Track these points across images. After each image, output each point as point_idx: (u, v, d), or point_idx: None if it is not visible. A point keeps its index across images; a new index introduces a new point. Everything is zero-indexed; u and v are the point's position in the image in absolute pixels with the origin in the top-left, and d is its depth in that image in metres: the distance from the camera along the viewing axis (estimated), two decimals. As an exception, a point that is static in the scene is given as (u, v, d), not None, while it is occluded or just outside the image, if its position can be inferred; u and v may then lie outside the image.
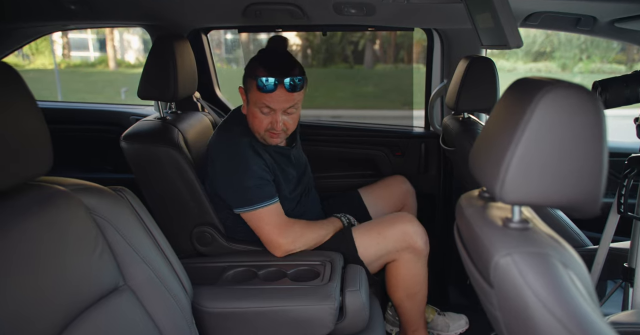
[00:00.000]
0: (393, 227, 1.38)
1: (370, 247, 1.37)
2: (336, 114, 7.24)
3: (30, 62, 11.89)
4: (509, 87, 0.71)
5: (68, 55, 13.82)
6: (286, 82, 1.24)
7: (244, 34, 1.80)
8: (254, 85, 1.26)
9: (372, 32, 2.13)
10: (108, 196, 0.91)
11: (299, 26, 1.76)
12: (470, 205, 0.78)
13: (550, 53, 11.45)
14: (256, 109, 1.30)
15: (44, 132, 0.77)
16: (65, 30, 1.91)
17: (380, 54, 11.46)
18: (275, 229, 1.32)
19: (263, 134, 1.34)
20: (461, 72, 1.48)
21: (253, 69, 1.28)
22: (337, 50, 10.68)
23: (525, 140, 0.61)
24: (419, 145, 1.91)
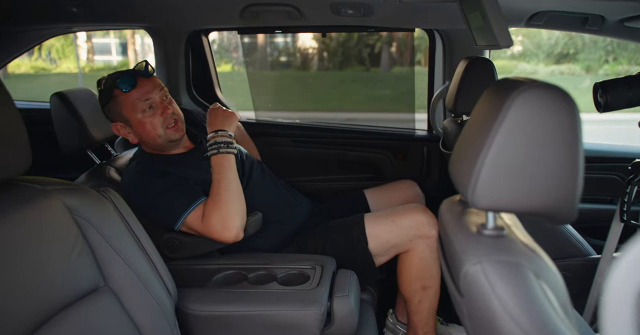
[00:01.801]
0: (406, 216, 1.34)
1: (383, 235, 1.34)
2: (351, 117, 7.21)
3: (57, 66, 12.19)
4: (488, 88, 0.69)
5: (92, 60, 14.15)
6: (137, 71, 1.30)
7: (260, 37, 1.82)
8: (119, 97, 1.29)
9: (388, 35, 2.12)
10: (90, 196, 0.91)
11: (297, 27, 1.76)
12: (449, 211, 0.75)
13: (573, 55, 11.18)
14: (140, 116, 1.31)
15: (21, 132, 0.77)
16: (69, 33, 1.95)
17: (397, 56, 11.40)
18: (207, 226, 1.25)
19: (164, 133, 1.33)
20: (460, 74, 1.44)
21: (109, 92, 1.31)
22: (354, 53, 10.65)
23: (498, 143, 0.59)
24: (421, 148, 1.88)
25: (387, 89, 8.16)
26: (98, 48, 14.28)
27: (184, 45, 1.77)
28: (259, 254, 1.36)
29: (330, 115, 7.17)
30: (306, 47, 10.45)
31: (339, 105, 7.67)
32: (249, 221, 1.35)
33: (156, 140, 1.35)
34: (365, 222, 1.37)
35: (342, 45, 10.37)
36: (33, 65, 11.90)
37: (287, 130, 1.93)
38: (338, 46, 10.41)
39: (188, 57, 1.81)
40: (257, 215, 1.36)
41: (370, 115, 7.08)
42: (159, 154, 1.40)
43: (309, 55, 10.55)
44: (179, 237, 1.36)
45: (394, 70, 10.19)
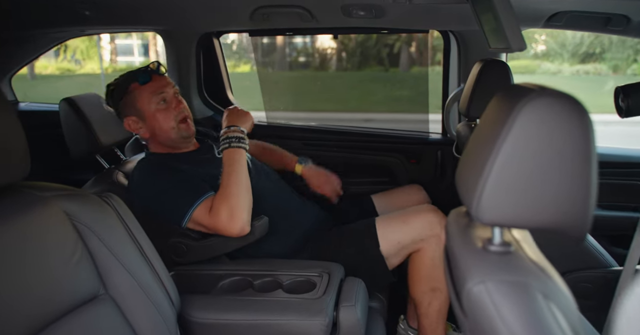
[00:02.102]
0: (418, 216, 1.33)
1: (394, 235, 1.33)
2: (368, 118, 7.16)
3: (81, 67, 12.47)
4: (496, 94, 0.65)
5: (115, 60, 14.45)
6: (152, 69, 1.36)
7: (279, 38, 1.82)
8: (135, 91, 1.33)
9: (408, 35, 2.09)
10: (91, 202, 0.90)
11: (308, 29, 1.73)
12: (456, 223, 0.72)
13: (600, 54, 10.86)
14: (154, 107, 1.34)
15: (19, 138, 0.77)
16: (82, 36, 1.97)
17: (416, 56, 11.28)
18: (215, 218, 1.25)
19: (177, 127, 1.36)
20: (474, 76, 1.40)
21: (124, 87, 1.35)
22: (372, 53, 10.59)
23: (504, 154, 0.55)
24: (435, 152, 1.83)
25: (405, 90, 8.08)
26: (121, 49, 14.57)
27: (195, 48, 1.77)
28: (266, 260, 1.34)
29: (347, 116, 7.13)
30: (325, 48, 10.44)
31: (357, 105, 7.63)
32: (255, 225, 1.33)
33: (169, 134, 1.37)
34: (377, 225, 1.35)
35: (360, 45, 10.32)
36: (59, 67, 12.20)
37: (298, 133, 1.91)
38: (357, 46, 10.36)
39: (199, 60, 1.81)
40: (262, 219, 1.34)
41: (388, 116, 7.01)
42: (169, 153, 1.41)
43: (327, 56, 10.54)
44: (185, 242, 1.35)
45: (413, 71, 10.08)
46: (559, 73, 10.08)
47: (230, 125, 1.34)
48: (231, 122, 1.35)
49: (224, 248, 1.36)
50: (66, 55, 12.28)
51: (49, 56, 12.42)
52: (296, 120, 6.36)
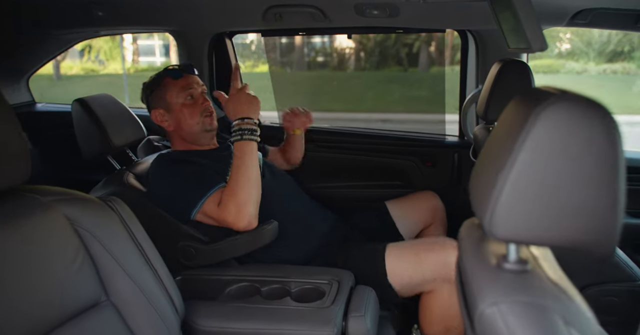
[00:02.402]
0: (433, 253, 1.23)
1: (404, 272, 1.25)
2: (385, 118, 7.10)
3: (104, 67, 12.72)
4: (513, 98, 0.60)
5: (137, 61, 14.70)
6: (185, 68, 1.45)
7: (298, 38, 1.80)
8: (167, 84, 1.40)
9: (427, 34, 2.03)
10: (93, 207, 0.88)
11: (321, 29, 1.70)
12: (468, 236, 0.67)
13: (629, 53, 10.51)
14: (182, 101, 1.40)
15: (19, 141, 0.76)
16: (97, 37, 1.98)
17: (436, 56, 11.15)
18: (223, 211, 1.25)
19: (201, 121, 1.40)
20: (492, 77, 1.34)
21: (158, 81, 1.43)
22: (391, 52, 10.49)
23: (520, 164, 0.51)
24: (451, 155, 1.77)
25: (423, 90, 7.98)
26: (143, 50, 14.81)
27: (207, 48, 1.75)
28: (275, 266, 1.31)
29: (364, 116, 7.08)
30: (343, 47, 10.39)
31: (374, 105, 7.57)
32: (265, 229, 1.31)
33: (193, 128, 1.41)
34: (387, 255, 1.28)
35: (379, 45, 10.24)
36: (83, 67, 12.47)
37: (310, 135, 1.87)
38: (375, 46, 10.28)
39: (211, 60, 1.79)
40: (272, 223, 1.32)
41: (405, 116, 6.94)
42: (189, 149, 1.44)
43: (345, 55, 10.49)
44: (194, 245, 1.34)
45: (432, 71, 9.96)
46: (585, 72, 9.79)
47: (243, 116, 1.31)
48: (243, 113, 1.31)
49: (233, 252, 1.34)
50: (90, 56, 12.55)
51: (74, 57, 12.73)
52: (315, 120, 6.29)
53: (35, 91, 2.18)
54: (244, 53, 9.04)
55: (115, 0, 1.48)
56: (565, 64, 9.68)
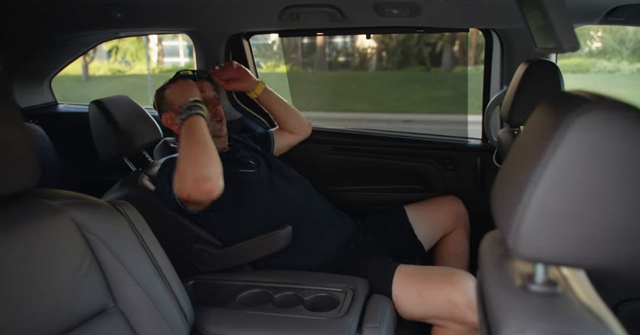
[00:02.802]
0: (440, 292, 1.16)
1: (409, 300, 1.20)
2: (407, 118, 7.00)
3: (130, 68, 12.99)
4: (541, 103, 0.55)
5: (162, 62, 14.96)
6: (197, 74, 1.43)
7: (319, 38, 1.77)
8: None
9: (451, 34, 1.97)
10: (103, 211, 0.87)
11: (339, 29, 1.66)
12: (490, 251, 0.62)
13: (666, 50, 10.08)
14: None
15: (27, 145, 0.75)
16: (116, 38, 1.99)
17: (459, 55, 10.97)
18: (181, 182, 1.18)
19: (211, 126, 1.36)
20: (518, 79, 1.27)
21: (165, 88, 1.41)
22: (414, 52, 10.37)
23: (549, 177, 0.46)
24: (474, 158, 1.71)
25: (446, 90, 7.84)
26: (167, 51, 15.06)
27: (224, 49, 1.74)
28: (288, 272, 1.28)
29: (386, 116, 7.00)
30: (365, 47, 10.33)
31: (396, 106, 7.48)
32: (278, 235, 1.28)
33: None
34: (395, 276, 1.22)
35: (401, 44, 10.13)
36: (110, 68, 12.77)
37: (327, 137, 1.84)
38: (397, 45, 10.17)
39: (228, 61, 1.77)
40: (286, 228, 1.29)
41: (427, 117, 6.83)
42: None
43: (367, 55, 10.42)
44: (207, 249, 1.32)
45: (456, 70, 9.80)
46: (617, 71, 9.44)
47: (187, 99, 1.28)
48: (184, 96, 1.30)
49: (247, 257, 1.32)
50: (117, 57, 12.83)
51: (101, 58, 13.04)
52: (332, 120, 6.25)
53: (66, 91, 2.22)
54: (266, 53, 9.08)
55: (133, 2, 1.47)
56: (596, 62, 9.33)
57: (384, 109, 7.50)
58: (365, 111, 7.29)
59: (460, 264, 1.56)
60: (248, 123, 1.84)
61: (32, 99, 2.01)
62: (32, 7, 1.57)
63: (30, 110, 1.96)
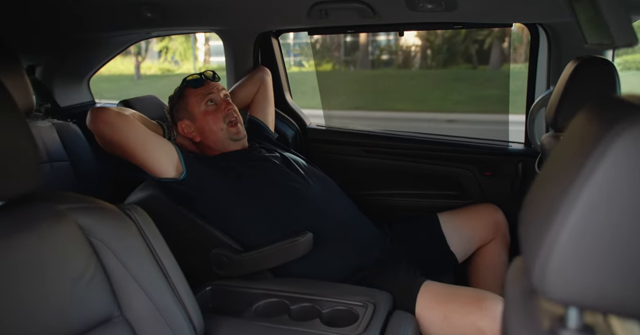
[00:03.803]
0: (467, 316, 1.08)
1: (432, 328, 1.12)
2: (451, 118, 6.77)
3: (179, 67, 13.44)
4: (584, 108, 0.46)
5: (208, 61, 15.38)
6: (205, 75, 1.44)
7: (362, 36, 1.72)
8: (190, 93, 1.40)
9: (500, 29, 1.84)
10: (110, 216, 0.84)
11: (370, 26, 1.58)
12: (517, 283, 0.53)
13: None
14: (204, 108, 1.39)
15: (30, 148, 0.73)
16: (149, 38, 2.01)
17: (510, 53, 10.51)
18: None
19: (225, 128, 1.38)
20: (566, 78, 1.14)
21: (180, 92, 1.43)
22: (460, 49, 10.04)
23: (586, 202, 0.37)
24: (515, 164, 1.58)
25: (494, 89, 7.52)
26: (214, 50, 15.46)
27: (253, 48, 1.70)
28: (308, 281, 1.22)
29: (428, 116, 6.80)
30: (409, 45, 10.11)
31: (439, 105, 7.24)
32: (298, 242, 1.23)
33: (218, 134, 1.38)
34: (419, 300, 1.13)
35: (447, 42, 9.83)
36: (160, 67, 13.27)
37: (358, 139, 1.76)
38: (443, 43, 9.88)
39: (257, 60, 1.74)
40: (306, 235, 1.24)
41: (472, 116, 6.58)
42: (217, 154, 1.40)
43: (411, 53, 10.20)
44: (227, 254, 1.29)
45: (505, 68, 9.40)
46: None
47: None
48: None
49: (266, 263, 1.28)
50: (167, 57, 13.31)
51: (152, 58, 13.57)
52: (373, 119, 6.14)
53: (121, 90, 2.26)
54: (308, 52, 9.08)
55: (162, 2, 1.47)
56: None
57: (427, 109, 7.30)
58: (408, 110, 7.12)
59: (497, 278, 1.44)
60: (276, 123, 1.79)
61: (71, 98, 2.07)
62: (68, 9, 1.60)
63: (68, 109, 2.01)
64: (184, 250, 1.33)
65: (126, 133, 1.20)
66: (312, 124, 1.88)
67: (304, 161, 1.48)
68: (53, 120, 1.78)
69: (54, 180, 1.66)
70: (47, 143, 1.67)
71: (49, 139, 1.68)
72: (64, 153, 1.71)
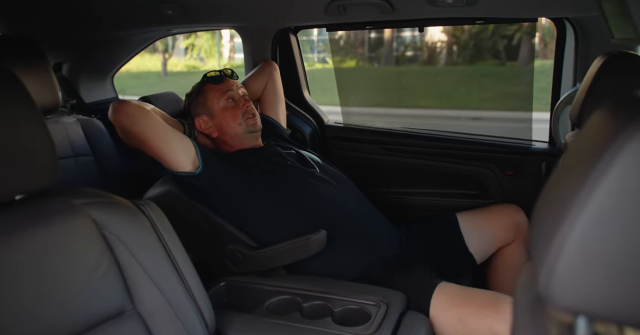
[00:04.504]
0: (483, 319, 1.05)
1: (446, 330, 1.10)
2: (476, 116, 6.64)
3: (204, 64, 13.64)
4: (601, 105, 0.43)
5: (233, 57, 15.56)
6: (224, 73, 1.46)
7: (387, 32, 1.71)
8: (209, 89, 1.42)
9: (530, 24, 1.79)
10: (124, 211, 0.85)
11: (389, 22, 1.55)
12: (525, 289, 0.51)
13: None
14: (223, 105, 1.41)
15: (47, 142, 0.74)
16: (169, 35, 2.03)
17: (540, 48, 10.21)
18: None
19: (244, 123, 1.39)
20: (593, 74, 1.09)
21: (199, 88, 1.45)
22: (487, 45, 9.82)
23: (596, 205, 0.35)
24: (538, 164, 1.53)
25: (522, 86, 7.33)
26: (238, 47, 15.61)
27: (271, 45, 1.70)
28: (321, 279, 1.22)
29: (453, 113, 6.68)
30: (434, 41, 9.95)
31: (464, 102, 7.11)
32: (311, 239, 1.23)
33: (236, 130, 1.40)
34: (433, 301, 1.11)
35: (474, 37, 9.63)
36: (186, 64, 13.51)
37: (377, 137, 1.74)
38: (470, 38, 9.68)
39: (275, 57, 1.74)
40: (320, 233, 1.23)
41: (499, 114, 6.43)
42: (233, 151, 1.41)
43: (436, 49, 10.04)
44: (241, 250, 1.30)
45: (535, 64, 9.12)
46: None
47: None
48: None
49: (279, 260, 1.28)
50: (192, 54, 13.52)
51: (179, 55, 13.81)
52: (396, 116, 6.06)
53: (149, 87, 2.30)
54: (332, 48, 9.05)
55: (182, -1, 1.48)
56: None
57: (451, 106, 7.17)
58: (432, 107, 7.01)
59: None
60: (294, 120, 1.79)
61: (96, 94, 2.12)
62: (92, 8, 1.63)
63: (93, 105, 2.06)
64: (200, 246, 1.35)
65: (145, 125, 1.23)
66: (330, 121, 1.87)
67: (319, 159, 1.48)
68: (78, 116, 1.83)
69: (79, 175, 1.70)
70: (72, 138, 1.72)
71: (74, 134, 1.73)
72: (88, 148, 1.75)
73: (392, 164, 1.72)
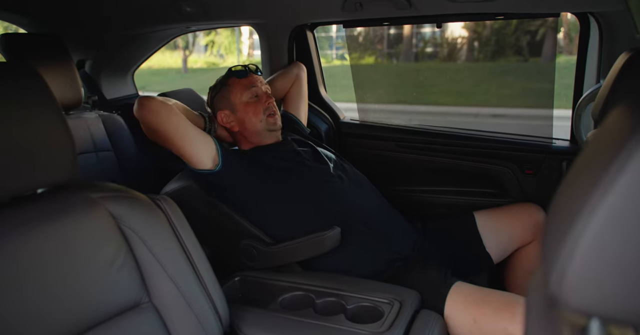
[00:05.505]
0: (498, 321, 1.04)
1: (460, 331, 1.09)
2: (497, 113, 6.52)
3: (224, 61, 13.75)
4: (620, 103, 0.42)
5: (252, 54, 15.65)
6: (249, 68, 1.47)
7: (407, 28, 1.70)
8: (233, 83, 1.42)
9: (554, 19, 1.74)
10: (141, 205, 0.87)
11: (407, 18, 1.53)
12: (537, 290, 0.50)
13: None
14: (246, 100, 1.41)
15: (67, 138, 0.76)
16: (188, 32, 2.05)
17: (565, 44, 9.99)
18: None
19: (265, 119, 1.40)
20: (617, 71, 1.06)
21: (224, 81, 1.46)
22: (509, 41, 9.63)
23: (610, 205, 0.34)
24: (558, 163, 1.49)
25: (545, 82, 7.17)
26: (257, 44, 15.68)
27: (288, 41, 1.70)
28: (334, 276, 1.22)
29: (473, 110, 6.58)
30: (455, 37, 9.81)
31: (485, 99, 6.99)
32: (326, 236, 1.23)
33: (256, 126, 1.40)
34: (448, 301, 1.10)
35: (496, 33, 9.45)
36: (206, 61, 13.65)
37: (393, 134, 1.73)
38: (492, 34, 9.51)
39: (292, 54, 1.74)
40: (334, 230, 1.23)
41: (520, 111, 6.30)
42: (254, 147, 1.42)
43: (457, 46, 9.89)
44: (256, 246, 1.31)
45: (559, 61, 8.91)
46: None
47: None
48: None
49: (293, 257, 1.29)
50: (212, 51, 13.65)
51: (199, 52, 13.96)
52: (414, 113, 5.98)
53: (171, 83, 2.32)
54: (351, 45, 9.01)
55: (201, -5, 1.49)
56: None
57: (472, 103, 7.06)
58: (451, 104, 6.92)
59: None
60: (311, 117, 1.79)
61: (117, 91, 2.16)
62: (113, 6, 1.66)
63: (114, 102, 2.10)
64: (215, 241, 1.37)
65: (169, 123, 1.25)
66: (346, 118, 1.86)
67: (335, 156, 1.48)
68: (99, 112, 1.86)
69: (99, 169, 1.74)
70: (94, 134, 1.76)
71: (95, 129, 1.76)
72: (109, 143, 1.79)
73: (408, 162, 1.71)
